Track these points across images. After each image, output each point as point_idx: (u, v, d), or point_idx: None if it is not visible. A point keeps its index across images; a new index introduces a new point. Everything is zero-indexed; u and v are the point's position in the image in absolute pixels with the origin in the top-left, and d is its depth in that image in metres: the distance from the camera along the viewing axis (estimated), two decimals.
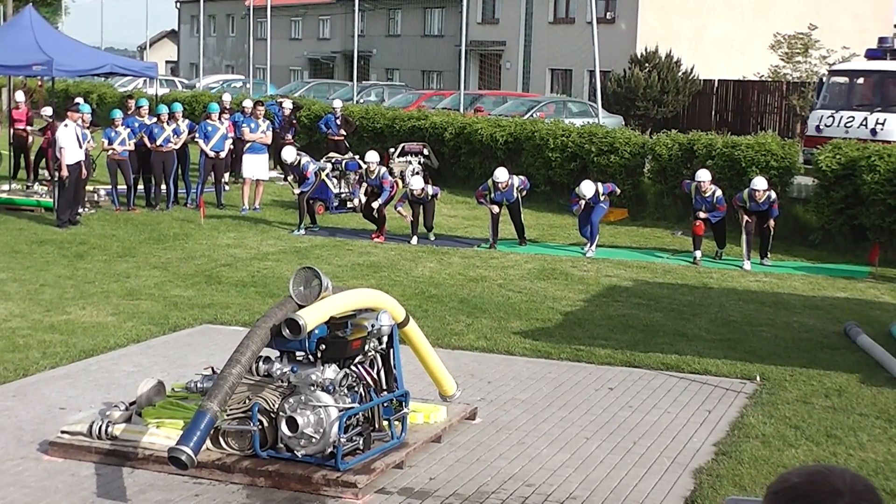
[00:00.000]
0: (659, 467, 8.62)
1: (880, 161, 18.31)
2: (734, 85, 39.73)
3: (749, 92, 39.07)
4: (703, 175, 18.20)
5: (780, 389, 10.74)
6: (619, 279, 16.31)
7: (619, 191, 20.16)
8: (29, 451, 8.56)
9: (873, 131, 23.23)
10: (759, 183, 17.73)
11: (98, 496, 7.77)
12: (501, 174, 18.79)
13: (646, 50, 40.32)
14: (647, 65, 39.25)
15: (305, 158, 20.59)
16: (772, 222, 18.06)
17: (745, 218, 17.81)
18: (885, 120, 23.65)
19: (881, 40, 26.90)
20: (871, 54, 26.35)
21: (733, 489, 8.11)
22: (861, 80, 25.77)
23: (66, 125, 19.91)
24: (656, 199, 22.17)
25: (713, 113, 39.02)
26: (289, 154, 20.40)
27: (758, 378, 11.10)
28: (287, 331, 8.14)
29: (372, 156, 20.01)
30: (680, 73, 39.35)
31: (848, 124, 23.89)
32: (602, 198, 18.84)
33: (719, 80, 40.06)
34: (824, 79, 27.51)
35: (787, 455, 8.88)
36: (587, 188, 18.57)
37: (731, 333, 13.10)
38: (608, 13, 43.52)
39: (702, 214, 18.10)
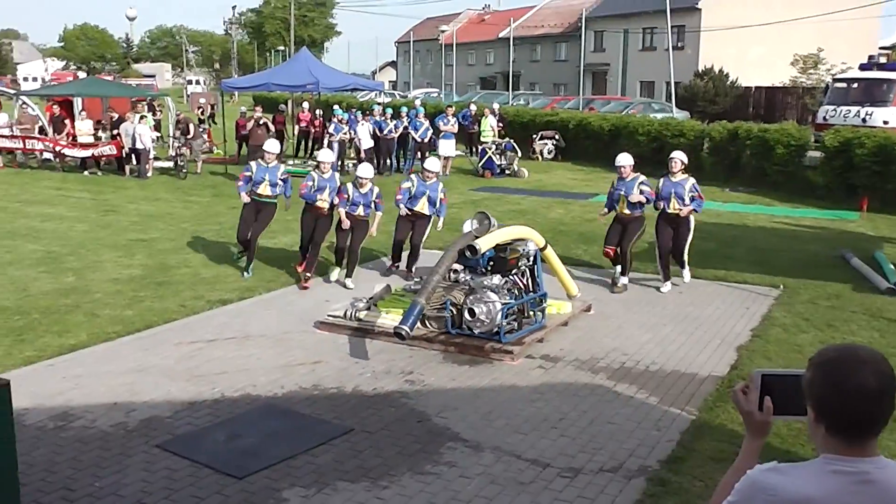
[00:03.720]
0: (713, 344, 8.37)
1: (868, 140, 17.43)
2: (765, 90, 38.18)
3: (776, 94, 37.52)
4: (624, 159, 10.62)
5: (795, 294, 10.30)
6: None
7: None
8: (307, 327, 8.82)
9: (864, 120, 22.15)
10: (678, 153, 10.83)
11: (350, 355, 7.97)
12: (623, 159, 10.64)
13: (704, 67, 39.29)
14: (705, 77, 38.33)
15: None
16: (688, 237, 10.54)
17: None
18: (871, 112, 22.44)
19: (870, 57, 25.79)
20: (862, 67, 25.16)
21: (763, 359, 7.84)
22: (855, 85, 24.45)
23: (362, 124, 21.63)
24: (711, 167, 21.29)
25: (750, 109, 37.48)
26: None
27: (780, 286, 10.66)
28: (468, 252, 8.16)
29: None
30: (728, 83, 38.20)
31: (846, 115, 22.81)
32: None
33: (755, 87, 38.48)
34: (829, 84, 26.35)
35: (800, 338, 8.53)
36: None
37: (762, 256, 12.61)
38: (679, 43, 42.22)
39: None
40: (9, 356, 7.84)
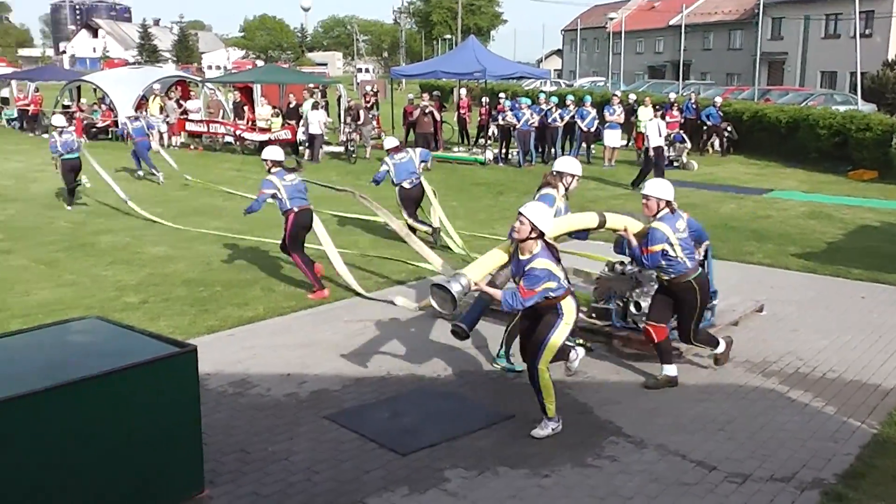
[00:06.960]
0: None
1: None
2: None
3: None
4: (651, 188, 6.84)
5: None
6: (870, 221, 14.79)
7: None
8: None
9: None
10: (651, 188, 6.73)
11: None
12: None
13: (895, 56, 36.52)
14: (895, 67, 35.58)
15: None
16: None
17: None
18: None
19: None
20: None
21: None
22: None
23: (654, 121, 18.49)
24: None
25: None
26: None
27: None
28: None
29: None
30: None
31: None
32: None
33: None
34: None
35: None
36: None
37: None
38: (867, 30, 39.65)
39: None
40: (194, 325, 8.39)
